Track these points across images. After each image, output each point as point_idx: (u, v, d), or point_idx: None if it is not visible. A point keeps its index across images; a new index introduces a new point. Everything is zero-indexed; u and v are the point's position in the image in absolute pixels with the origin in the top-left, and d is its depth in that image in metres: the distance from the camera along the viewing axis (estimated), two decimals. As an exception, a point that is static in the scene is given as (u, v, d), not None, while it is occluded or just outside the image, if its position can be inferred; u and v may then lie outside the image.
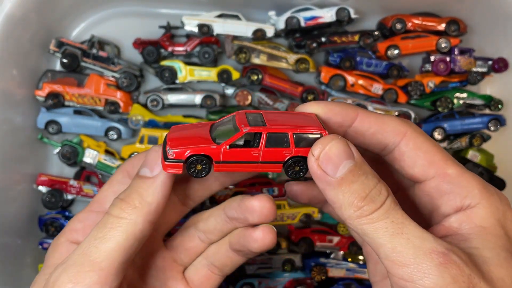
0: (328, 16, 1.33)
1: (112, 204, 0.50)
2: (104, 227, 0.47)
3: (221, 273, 0.64)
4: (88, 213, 0.56)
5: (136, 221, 0.47)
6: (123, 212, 0.47)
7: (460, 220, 0.48)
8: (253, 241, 0.56)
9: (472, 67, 1.38)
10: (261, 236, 0.56)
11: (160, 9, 1.36)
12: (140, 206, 0.48)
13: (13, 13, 1.11)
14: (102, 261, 0.46)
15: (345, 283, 1.40)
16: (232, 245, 0.60)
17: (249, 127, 0.49)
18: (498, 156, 1.46)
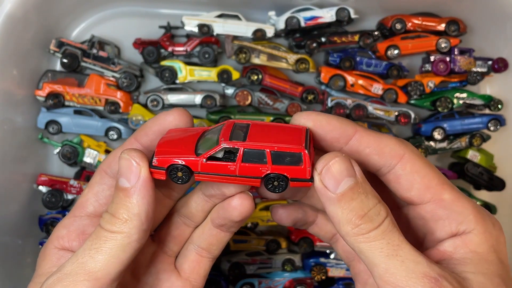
0: (328, 16, 1.33)
1: (103, 218, 0.49)
2: (99, 239, 0.47)
3: (210, 255, 0.64)
4: (71, 218, 0.56)
5: (130, 232, 0.48)
6: (114, 227, 0.48)
7: (455, 245, 0.49)
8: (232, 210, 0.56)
9: (472, 67, 1.38)
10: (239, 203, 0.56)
11: (160, 9, 1.36)
12: (129, 219, 0.48)
13: (13, 13, 1.11)
14: (98, 271, 0.46)
15: (345, 283, 1.40)
16: (214, 220, 0.60)
17: (228, 141, 0.49)
18: (498, 156, 1.46)
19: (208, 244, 0.63)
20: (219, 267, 1.39)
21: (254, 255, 1.37)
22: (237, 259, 1.36)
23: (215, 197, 0.59)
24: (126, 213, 0.48)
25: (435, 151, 1.42)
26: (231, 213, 0.57)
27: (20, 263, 1.26)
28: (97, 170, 0.56)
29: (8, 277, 1.19)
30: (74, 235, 0.54)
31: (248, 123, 0.54)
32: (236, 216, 0.57)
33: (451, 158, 1.50)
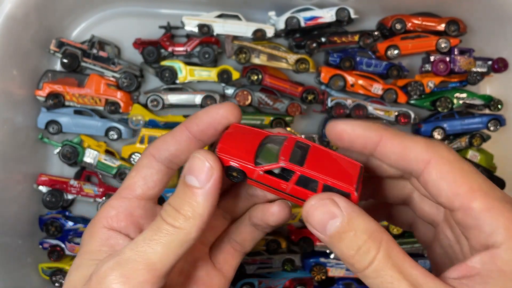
0: (328, 16, 1.33)
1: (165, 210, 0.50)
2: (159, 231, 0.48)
3: (242, 249, 0.66)
4: (120, 200, 0.56)
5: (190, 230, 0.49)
6: (177, 222, 0.49)
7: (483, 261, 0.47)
8: (270, 215, 0.59)
9: (471, 67, 1.39)
10: (278, 210, 0.59)
11: (160, 9, 1.36)
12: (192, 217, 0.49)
13: (13, 14, 1.11)
14: (157, 263, 0.47)
15: (345, 282, 1.40)
16: (252, 219, 0.62)
17: (287, 162, 0.51)
18: (497, 156, 1.46)
19: (242, 239, 0.65)
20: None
21: (254, 255, 1.37)
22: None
23: (257, 197, 0.61)
24: (191, 211, 0.48)
25: (435, 151, 1.42)
26: (268, 218, 0.60)
27: (21, 263, 1.26)
28: (145, 153, 0.57)
29: (8, 276, 1.19)
30: (122, 216, 0.54)
31: (308, 145, 0.56)
32: (272, 221, 0.60)
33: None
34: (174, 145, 0.55)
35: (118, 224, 0.54)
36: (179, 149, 0.55)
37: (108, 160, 1.32)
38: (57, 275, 1.29)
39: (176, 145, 0.55)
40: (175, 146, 0.55)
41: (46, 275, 1.30)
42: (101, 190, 1.33)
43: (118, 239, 0.53)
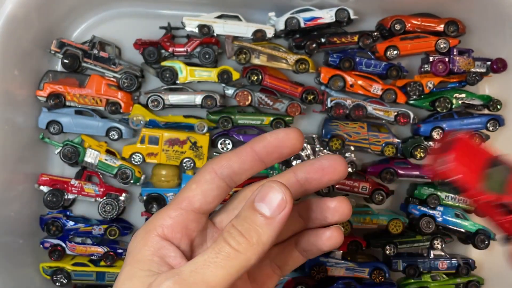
0: (328, 17, 1.34)
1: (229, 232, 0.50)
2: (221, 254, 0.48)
3: (281, 273, 0.65)
4: (178, 210, 0.55)
5: (251, 257, 0.48)
6: (241, 246, 0.48)
7: None
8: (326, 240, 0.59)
9: (471, 67, 1.39)
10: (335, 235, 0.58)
11: (160, 10, 1.37)
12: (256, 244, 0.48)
13: (14, 14, 1.11)
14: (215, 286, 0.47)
15: (345, 282, 1.41)
16: (301, 245, 0.62)
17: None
18: (496, 156, 1.47)
19: (284, 263, 0.64)
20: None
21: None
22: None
23: (313, 221, 0.60)
24: (256, 238, 0.48)
25: (434, 151, 1.42)
26: (323, 243, 0.59)
27: (22, 262, 1.26)
28: (207, 168, 0.56)
29: (9, 276, 1.20)
30: (179, 228, 0.54)
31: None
32: (327, 247, 0.59)
33: (450, 158, 1.51)
34: (238, 163, 0.55)
35: (172, 235, 0.54)
36: (242, 168, 0.55)
37: (109, 160, 1.32)
38: (58, 274, 1.30)
39: (239, 164, 0.55)
40: (239, 164, 0.55)
41: (47, 275, 1.30)
42: (102, 190, 1.34)
43: (170, 251, 0.53)
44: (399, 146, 1.41)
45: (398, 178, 1.42)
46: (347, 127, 1.40)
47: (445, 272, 1.46)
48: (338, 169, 0.57)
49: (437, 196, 1.43)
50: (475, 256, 1.49)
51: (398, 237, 1.44)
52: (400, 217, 1.42)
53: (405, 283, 1.45)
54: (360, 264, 1.42)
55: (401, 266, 1.44)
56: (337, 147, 1.38)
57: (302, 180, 0.58)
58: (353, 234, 1.43)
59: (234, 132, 1.37)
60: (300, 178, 0.58)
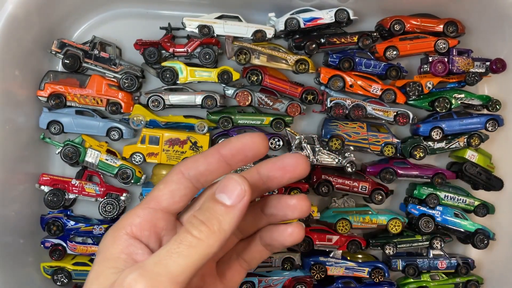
0: (328, 17, 1.34)
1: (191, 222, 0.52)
2: (182, 243, 0.50)
3: (248, 267, 0.68)
4: (146, 209, 0.57)
5: (213, 245, 0.50)
6: (202, 234, 0.50)
7: None
8: (287, 236, 0.61)
9: (470, 67, 1.39)
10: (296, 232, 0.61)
11: (161, 10, 1.37)
12: (217, 232, 0.50)
13: (15, 14, 1.12)
14: (179, 275, 0.48)
15: (344, 281, 1.41)
16: (264, 240, 0.64)
17: None
18: (496, 156, 1.47)
19: (251, 257, 0.67)
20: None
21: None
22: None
23: (274, 217, 0.63)
24: (217, 225, 0.51)
25: (433, 151, 1.43)
26: (285, 239, 0.62)
27: (22, 262, 1.27)
28: (175, 170, 0.58)
29: (10, 275, 1.20)
30: (147, 226, 0.56)
31: None
32: (288, 242, 0.62)
33: (449, 158, 1.51)
34: (204, 165, 0.57)
35: (141, 233, 0.55)
36: (208, 170, 0.57)
37: (110, 160, 1.33)
38: (59, 274, 1.30)
39: (205, 165, 0.57)
40: (205, 166, 0.57)
41: (47, 274, 1.31)
42: (103, 189, 1.34)
43: (137, 248, 0.54)
44: (398, 146, 1.41)
45: (397, 178, 1.42)
46: (347, 127, 1.40)
47: (445, 271, 1.47)
48: (300, 168, 0.59)
49: (436, 196, 1.43)
50: (475, 255, 1.49)
51: (398, 237, 1.44)
52: (400, 217, 1.43)
53: (404, 283, 1.46)
54: (360, 264, 1.42)
55: (400, 265, 1.44)
56: (336, 147, 1.38)
57: (264, 178, 0.60)
58: (352, 234, 1.44)
59: (234, 132, 1.37)
60: (262, 175, 0.60)
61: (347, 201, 1.45)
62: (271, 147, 1.38)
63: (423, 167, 1.43)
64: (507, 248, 1.46)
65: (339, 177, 1.41)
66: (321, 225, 1.43)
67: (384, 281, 1.42)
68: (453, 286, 1.46)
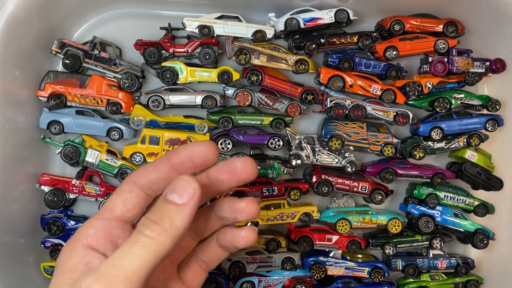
0: (327, 17, 1.34)
1: (142, 223, 0.53)
2: (135, 244, 0.51)
3: (208, 268, 0.71)
4: (100, 220, 0.59)
5: (166, 242, 0.51)
6: (154, 233, 0.51)
7: None
8: (240, 239, 0.64)
9: (469, 68, 1.40)
10: (247, 235, 0.63)
11: (161, 11, 1.38)
12: (170, 229, 0.52)
13: (15, 15, 1.12)
14: (133, 275, 0.49)
15: (344, 281, 1.42)
16: (220, 242, 0.67)
17: None
18: (496, 156, 1.47)
19: (209, 259, 0.69)
20: (219, 266, 1.40)
21: (254, 254, 1.38)
22: (237, 257, 1.37)
23: (226, 220, 0.65)
24: (169, 223, 0.52)
25: (433, 151, 1.43)
26: (237, 242, 0.64)
27: (23, 262, 1.27)
28: (127, 180, 0.60)
29: (10, 275, 1.20)
30: (102, 235, 0.57)
31: None
32: (241, 245, 0.64)
33: (449, 158, 1.51)
34: (154, 173, 0.59)
35: (97, 242, 0.57)
36: (159, 178, 0.59)
37: (110, 160, 1.33)
38: (59, 273, 1.30)
39: (156, 174, 0.59)
40: (155, 174, 0.59)
41: (48, 274, 1.31)
42: (103, 189, 1.34)
43: (94, 258, 0.56)
44: (398, 146, 1.41)
45: (397, 178, 1.42)
46: (347, 127, 1.40)
47: (444, 271, 1.47)
48: (247, 171, 0.61)
49: (436, 195, 1.43)
50: (474, 255, 1.49)
51: (397, 237, 1.44)
52: (399, 217, 1.43)
53: (404, 283, 1.46)
54: (360, 264, 1.42)
55: (400, 265, 1.44)
56: (336, 147, 1.38)
57: (213, 180, 0.62)
58: (352, 234, 1.44)
59: (234, 132, 1.38)
60: (211, 178, 0.62)
61: (347, 201, 1.45)
62: (271, 147, 1.38)
63: (423, 167, 1.44)
64: (507, 248, 1.47)
65: (339, 177, 1.41)
66: (321, 225, 1.43)
67: (384, 281, 1.42)
68: (453, 286, 1.46)
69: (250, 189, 1.38)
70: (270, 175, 1.39)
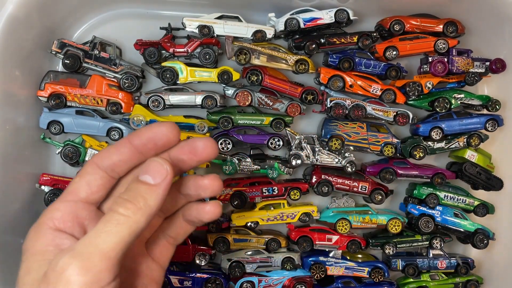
0: (327, 17, 1.34)
1: (116, 202, 0.55)
2: (110, 222, 0.53)
3: (175, 242, 0.73)
4: (64, 202, 0.60)
5: (140, 220, 0.53)
6: (129, 211, 0.53)
7: None
8: (205, 213, 0.66)
9: (469, 67, 1.40)
10: (212, 209, 0.66)
11: (161, 11, 1.38)
12: (144, 208, 0.54)
13: (15, 14, 1.12)
14: (109, 252, 0.50)
15: (344, 281, 1.42)
16: (186, 217, 0.69)
17: None
18: (495, 156, 1.47)
19: (176, 234, 0.71)
20: (219, 266, 1.40)
21: (254, 254, 1.38)
22: (237, 257, 1.37)
23: (191, 197, 0.67)
24: (143, 202, 0.54)
25: (433, 151, 1.43)
26: (203, 216, 0.66)
27: (23, 262, 1.27)
28: (89, 162, 0.62)
29: (10, 275, 1.20)
30: (69, 218, 0.58)
31: None
32: (206, 219, 0.66)
33: (449, 158, 1.51)
34: (117, 155, 0.60)
35: (64, 225, 0.57)
36: (121, 160, 0.60)
37: (110, 160, 1.33)
38: (59, 273, 1.30)
39: (118, 156, 0.60)
40: (118, 156, 0.60)
41: (48, 274, 1.30)
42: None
43: (63, 239, 0.56)
44: (398, 146, 1.41)
45: (397, 178, 1.42)
46: (347, 127, 1.40)
47: (444, 271, 1.47)
48: (208, 151, 0.63)
49: (436, 195, 1.43)
50: (474, 255, 1.49)
51: (397, 237, 1.44)
52: (399, 217, 1.43)
53: (404, 283, 1.46)
54: (360, 264, 1.42)
55: (400, 265, 1.44)
56: (336, 147, 1.38)
57: (175, 160, 0.63)
58: (352, 234, 1.44)
59: (234, 132, 1.38)
60: (173, 158, 0.63)
61: (347, 201, 1.45)
62: (271, 147, 1.38)
63: (423, 167, 1.44)
64: (507, 248, 1.47)
65: (339, 177, 1.41)
66: (321, 225, 1.43)
67: (384, 281, 1.42)
68: (453, 286, 1.46)
69: (250, 189, 1.38)
70: (270, 175, 1.39)
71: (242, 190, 1.38)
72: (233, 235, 1.39)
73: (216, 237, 1.37)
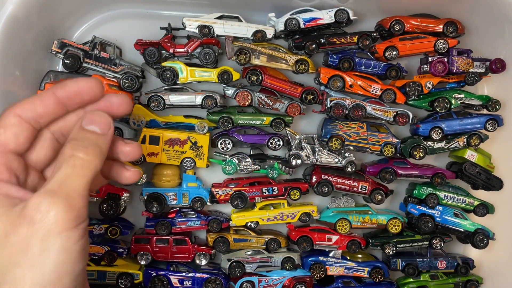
0: (327, 17, 1.34)
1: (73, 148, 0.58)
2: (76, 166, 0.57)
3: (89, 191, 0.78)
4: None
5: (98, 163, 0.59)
6: (89, 156, 0.58)
7: None
8: (124, 178, 0.70)
9: (469, 67, 1.40)
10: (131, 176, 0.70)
11: (161, 11, 1.38)
12: (100, 153, 0.60)
13: (15, 15, 1.12)
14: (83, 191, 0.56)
15: (344, 281, 1.42)
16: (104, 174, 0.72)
17: None
18: (495, 156, 1.47)
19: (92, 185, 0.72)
20: (219, 266, 1.40)
21: (254, 254, 1.38)
22: (237, 257, 1.37)
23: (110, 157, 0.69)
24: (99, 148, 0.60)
25: (433, 151, 1.43)
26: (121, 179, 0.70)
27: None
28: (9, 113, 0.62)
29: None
30: (3, 169, 0.60)
31: None
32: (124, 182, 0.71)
33: (449, 158, 1.51)
34: (41, 107, 0.61)
35: (1, 176, 0.59)
36: (46, 112, 0.62)
37: (110, 160, 1.33)
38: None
39: (43, 108, 0.61)
40: (42, 108, 0.61)
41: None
42: (103, 189, 1.34)
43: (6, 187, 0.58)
44: (398, 146, 1.41)
45: (397, 178, 1.42)
46: (347, 127, 1.41)
47: (444, 271, 1.47)
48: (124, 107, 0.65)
49: (436, 195, 1.43)
50: (474, 255, 1.49)
51: (397, 237, 1.44)
52: (399, 217, 1.43)
53: (404, 282, 1.46)
54: (360, 263, 1.42)
55: (400, 265, 1.45)
56: (336, 147, 1.38)
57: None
58: (352, 234, 1.44)
59: (234, 132, 1.38)
60: None
61: (347, 201, 1.45)
62: (271, 147, 1.38)
63: (423, 167, 1.44)
64: (507, 248, 1.47)
65: (339, 177, 1.41)
66: (321, 225, 1.43)
67: (384, 280, 1.42)
68: (453, 285, 1.46)
69: (250, 189, 1.38)
70: (270, 175, 1.39)
71: (242, 190, 1.38)
72: (233, 235, 1.39)
73: (216, 237, 1.38)
